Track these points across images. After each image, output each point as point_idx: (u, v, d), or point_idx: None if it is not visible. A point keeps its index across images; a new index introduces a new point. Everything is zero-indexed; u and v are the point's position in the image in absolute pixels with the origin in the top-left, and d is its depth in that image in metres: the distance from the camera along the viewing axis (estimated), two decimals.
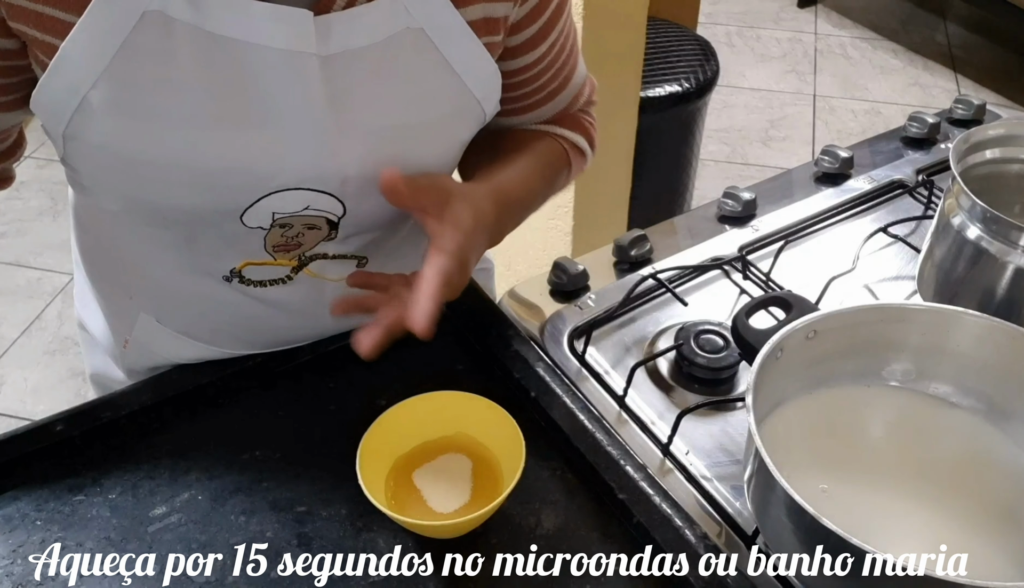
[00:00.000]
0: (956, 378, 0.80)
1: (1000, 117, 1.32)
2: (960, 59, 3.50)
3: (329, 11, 0.69)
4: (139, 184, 0.72)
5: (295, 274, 0.82)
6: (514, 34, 0.80)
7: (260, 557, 0.73)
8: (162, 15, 0.65)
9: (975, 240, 0.87)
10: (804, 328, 0.75)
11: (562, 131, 0.92)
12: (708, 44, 2.29)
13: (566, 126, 0.92)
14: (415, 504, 0.75)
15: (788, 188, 1.18)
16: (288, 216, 0.76)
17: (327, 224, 0.78)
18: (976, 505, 0.74)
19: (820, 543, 0.62)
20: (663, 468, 0.83)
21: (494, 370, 0.88)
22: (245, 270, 0.80)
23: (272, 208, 0.74)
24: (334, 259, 0.83)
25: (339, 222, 0.78)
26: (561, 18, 0.83)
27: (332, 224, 0.78)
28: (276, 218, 0.76)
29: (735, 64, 3.44)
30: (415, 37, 0.73)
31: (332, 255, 0.82)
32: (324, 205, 0.76)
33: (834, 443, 0.78)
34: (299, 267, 0.82)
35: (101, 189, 0.75)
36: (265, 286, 0.82)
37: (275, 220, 0.76)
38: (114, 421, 0.81)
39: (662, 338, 0.96)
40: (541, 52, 0.83)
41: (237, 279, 0.81)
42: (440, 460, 0.79)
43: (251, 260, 0.80)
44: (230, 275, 0.81)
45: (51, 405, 2.16)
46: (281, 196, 0.74)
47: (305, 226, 0.77)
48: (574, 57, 0.89)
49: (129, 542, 0.74)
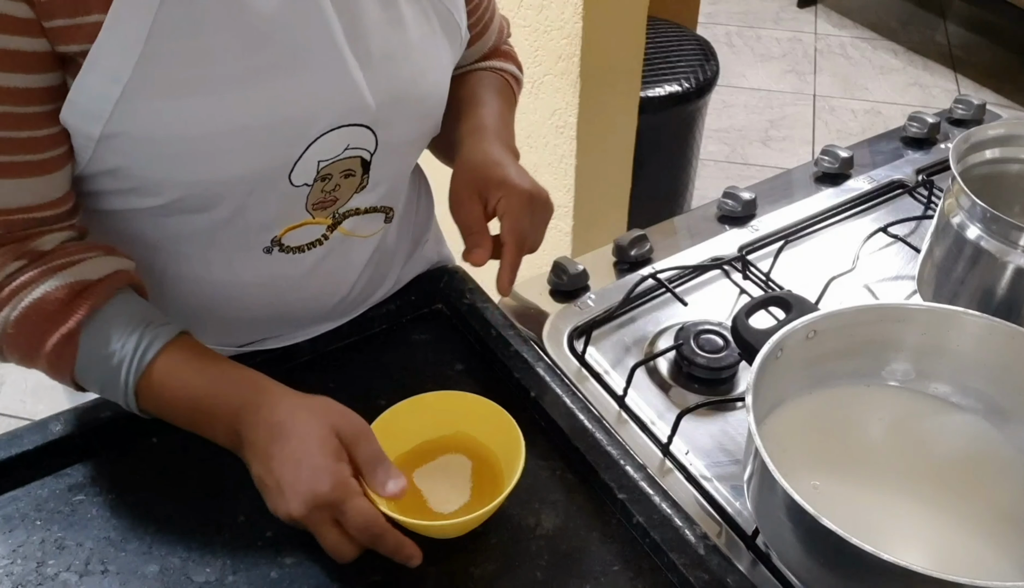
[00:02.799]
0: (956, 378, 0.80)
1: (1000, 117, 1.32)
2: (960, 59, 3.51)
3: None
4: (189, 162, 0.73)
5: (331, 233, 0.85)
6: None
7: (260, 557, 0.73)
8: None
9: (975, 240, 0.87)
10: (804, 328, 0.75)
11: (500, 64, 1.01)
12: (708, 44, 2.29)
13: (500, 59, 1.01)
14: (415, 504, 0.75)
15: (788, 188, 1.18)
16: (330, 162, 0.78)
17: (360, 166, 0.81)
18: (976, 504, 0.74)
19: (820, 543, 0.63)
20: (663, 468, 0.83)
21: (494, 370, 0.88)
22: (285, 237, 0.82)
23: (317, 157, 0.77)
24: (365, 213, 0.86)
25: (371, 159, 0.81)
26: None
27: (365, 165, 0.81)
28: (320, 168, 0.78)
29: (735, 64, 3.44)
30: None
31: (364, 209, 0.85)
32: (361, 141, 0.79)
33: (834, 443, 0.78)
34: (334, 225, 0.84)
35: (144, 183, 0.75)
36: (303, 251, 0.84)
37: (319, 171, 0.78)
38: (114, 421, 0.81)
39: (662, 338, 0.96)
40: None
41: (278, 248, 0.83)
42: (440, 460, 0.79)
43: (292, 224, 0.82)
44: (271, 245, 0.82)
45: (51, 405, 2.15)
46: (325, 140, 0.76)
47: (342, 175, 0.80)
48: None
49: (129, 542, 0.74)
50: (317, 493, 0.68)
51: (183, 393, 0.74)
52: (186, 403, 0.74)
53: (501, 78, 1.00)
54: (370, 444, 0.71)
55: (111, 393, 0.75)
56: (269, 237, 0.81)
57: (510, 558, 0.74)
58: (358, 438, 0.71)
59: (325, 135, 0.76)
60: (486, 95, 0.95)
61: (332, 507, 0.68)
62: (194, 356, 0.75)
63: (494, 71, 1.00)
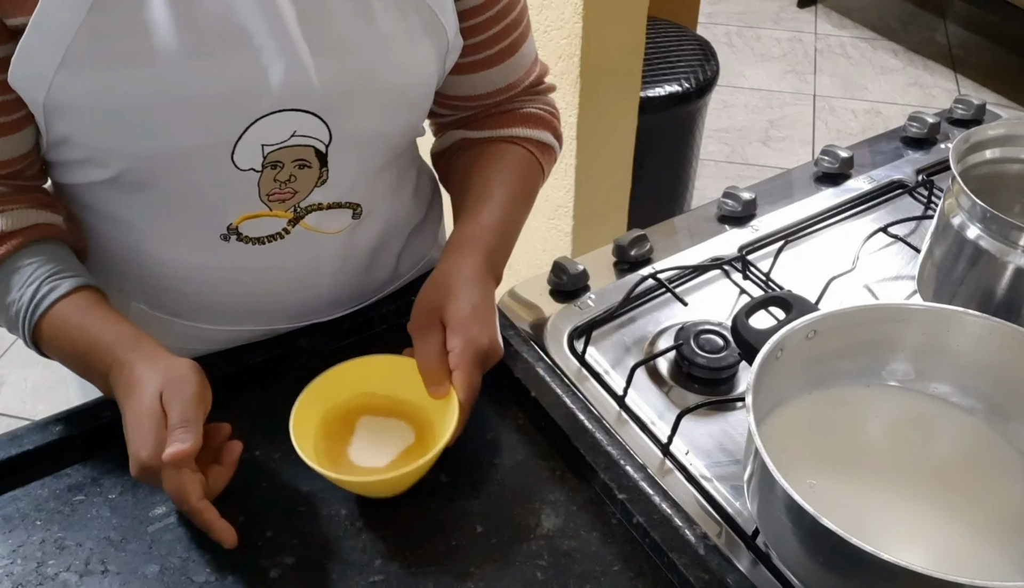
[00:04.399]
0: (956, 378, 0.80)
1: (1000, 117, 1.32)
2: (960, 59, 3.51)
3: None
4: (131, 133, 0.74)
5: (292, 228, 0.84)
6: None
7: (260, 557, 0.73)
8: None
9: (975, 240, 0.87)
10: (804, 328, 0.75)
11: (527, 132, 0.95)
12: (708, 44, 2.29)
13: (529, 125, 0.95)
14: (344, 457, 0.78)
15: (788, 188, 1.18)
16: (277, 148, 0.78)
17: (316, 157, 0.80)
18: (976, 505, 0.74)
19: (820, 543, 0.63)
20: (663, 468, 0.83)
21: (494, 370, 0.88)
22: (242, 226, 0.82)
23: (261, 139, 0.77)
24: (329, 209, 0.85)
25: (327, 152, 0.80)
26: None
27: (321, 157, 0.80)
28: (266, 153, 0.78)
29: (735, 64, 3.44)
30: None
31: (327, 205, 0.84)
32: (310, 129, 0.78)
33: (834, 443, 0.78)
34: (296, 220, 0.84)
35: (93, 153, 0.77)
36: (263, 243, 0.84)
37: (266, 158, 0.78)
38: (114, 421, 0.81)
39: (662, 338, 0.96)
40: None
41: (235, 237, 0.83)
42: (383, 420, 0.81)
43: (247, 213, 0.81)
44: (227, 232, 0.82)
45: (51, 405, 2.16)
46: (268, 121, 0.76)
47: (296, 164, 0.80)
48: (524, 23, 0.92)
49: (129, 542, 0.74)
50: (139, 458, 0.70)
51: (70, 347, 0.77)
52: (72, 357, 0.78)
53: (526, 153, 0.95)
54: (179, 406, 0.71)
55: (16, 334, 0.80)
56: (224, 224, 0.82)
57: (510, 558, 0.74)
58: (172, 400, 0.72)
59: (268, 117, 0.76)
60: (496, 189, 0.91)
61: (152, 474, 0.71)
62: (85, 309, 0.78)
63: (519, 142, 0.95)
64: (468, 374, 0.78)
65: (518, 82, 0.95)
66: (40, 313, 0.77)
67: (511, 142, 0.95)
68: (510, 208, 0.91)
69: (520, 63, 0.94)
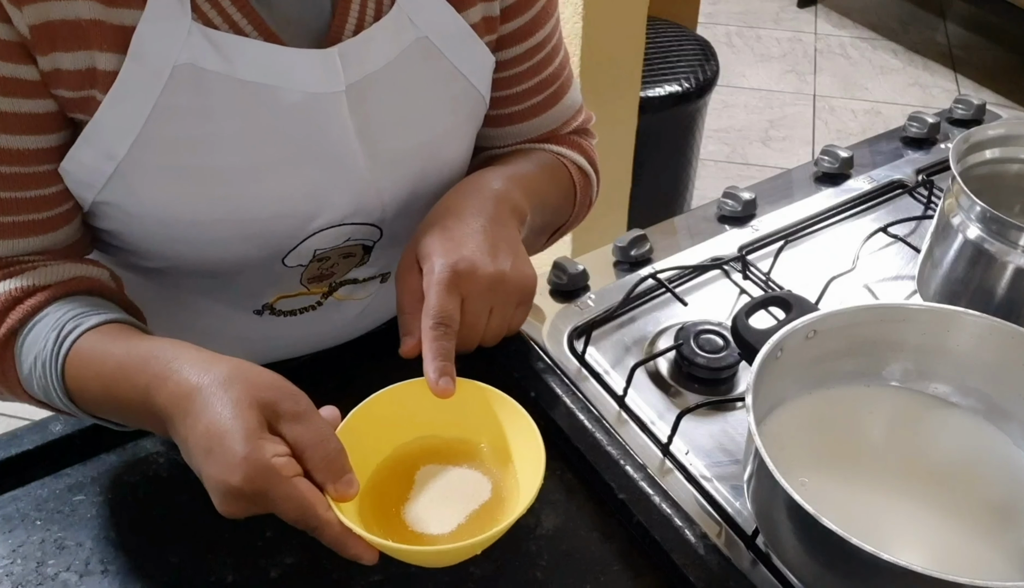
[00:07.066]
0: (956, 378, 0.80)
1: (1000, 117, 1.32)
2: (960, 59, 3.50)
3: (340, 39, 0.69)
4: (182, 244, 0.71)
5: (324, 300, 0.83)
6: (504, 23, 0.80)
7: (260, 557, 0.73)
8: (192, 68, 0.64)
9: (975, 240, 0.87)
10: (804, 328, 0.75)
11: (559, 149, 0.90)
12: (708, 44, 2.29)
13: (563, 146, 0.90)
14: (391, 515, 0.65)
15: (788, 188, 1.18)
16: (328, 250, 0.76)
17: (362, 250, 0.79)
18: (976, 505, 0.74)
19: (820, 543, 0.63)
20: (663, 468, 0.83)
21: (494, 370, 0.88)
22: (278, 303, 0.81)
23: (314, 247, 0.75)
24: (363, 282, 0.84)
25: (374, 246, 0.79)
26: (549, 19, 0.83)
27: (367, 249, 0.79)
28: (317, 254, 0.76)
29: (735, 64, 3.43)
30: (423, 47, 0.73)
31: (362, 279, 0.83)
32: (363, 234, 0.77)
33: (834, 443, 0.78)
34: (329, 293, 0.83)
35: (139, 253, 0.74)
36: (295, 315, 0.83)
37: (315, 256, 0.76)
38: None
39: (662, 338, 0.96)
40: (529, 46, 0.83)
41: (268, 312, 0.82)
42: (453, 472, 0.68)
43: (284, 293, 0.80)
44: (262, 309, 0.81)
45: None
46: (323, 234, 0.74)
47: (341, 256, 0.78)
48: (565, 74, 0.88)
49: (129, 542, 0.74)
50: (230, 486, 0.57)
51: (96, 384, 0.63)
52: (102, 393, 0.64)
53: (555, 158, 0.88)
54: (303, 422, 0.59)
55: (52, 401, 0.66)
56: (260, 303, 0.81)
57: (510, 558, 0.73)
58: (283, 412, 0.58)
59: (326, 230, 0.74)
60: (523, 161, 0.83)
61: (254, 500, 0.57)
62: (112, 338, 0.64)
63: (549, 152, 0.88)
64: (438, 299, 0.65)
65: (557, 130, 0.91)
66: (64, 353, 0.63)
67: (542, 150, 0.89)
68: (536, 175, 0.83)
69: (557, 116, 0.89)
